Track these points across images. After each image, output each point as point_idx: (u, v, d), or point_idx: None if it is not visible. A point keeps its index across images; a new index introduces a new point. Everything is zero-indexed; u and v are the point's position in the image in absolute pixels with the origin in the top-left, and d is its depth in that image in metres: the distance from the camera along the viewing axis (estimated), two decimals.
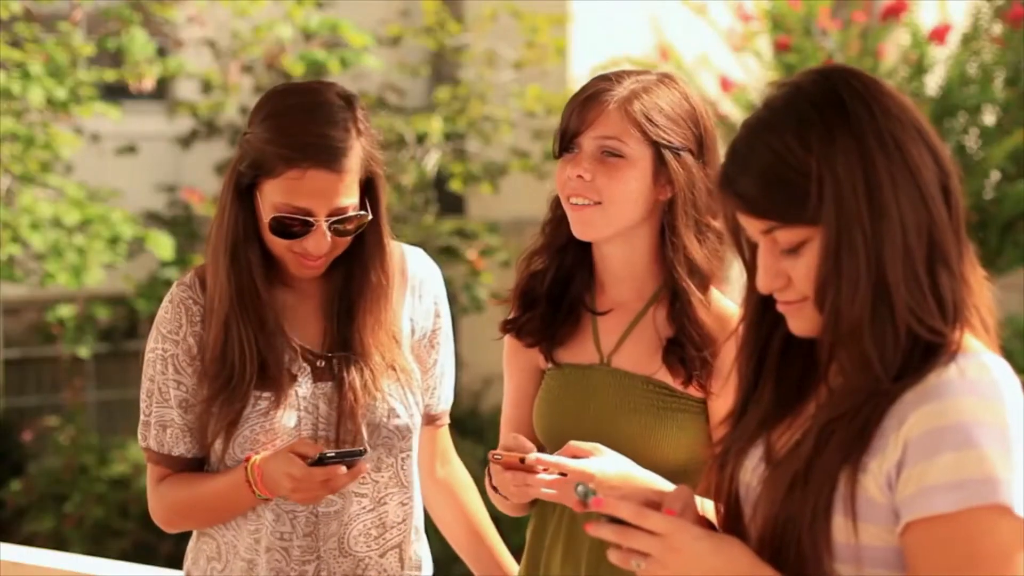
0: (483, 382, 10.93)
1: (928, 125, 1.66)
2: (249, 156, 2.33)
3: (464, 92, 10.97)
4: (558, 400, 2.39)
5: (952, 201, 1.63)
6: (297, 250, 2.33)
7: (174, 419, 2.40)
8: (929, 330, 1.60)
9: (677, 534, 1.60)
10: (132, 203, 10.64)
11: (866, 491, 1.59)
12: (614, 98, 2.27)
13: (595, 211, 2.28)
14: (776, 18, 9.65)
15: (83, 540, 9.78)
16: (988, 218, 9.20)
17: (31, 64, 8.44)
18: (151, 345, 2.41)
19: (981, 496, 1.54)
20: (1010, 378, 1.60)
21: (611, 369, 2.36)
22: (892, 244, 1.59)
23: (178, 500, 2.43)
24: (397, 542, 2.46)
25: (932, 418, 1.56)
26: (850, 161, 1.60)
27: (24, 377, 12.11)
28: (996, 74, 9.30)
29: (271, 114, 2.34)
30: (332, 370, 2.39)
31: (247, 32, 10.14)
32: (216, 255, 2.37)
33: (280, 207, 2.31)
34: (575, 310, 2.41)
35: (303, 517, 2.38)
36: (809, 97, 1.63)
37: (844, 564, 1.61)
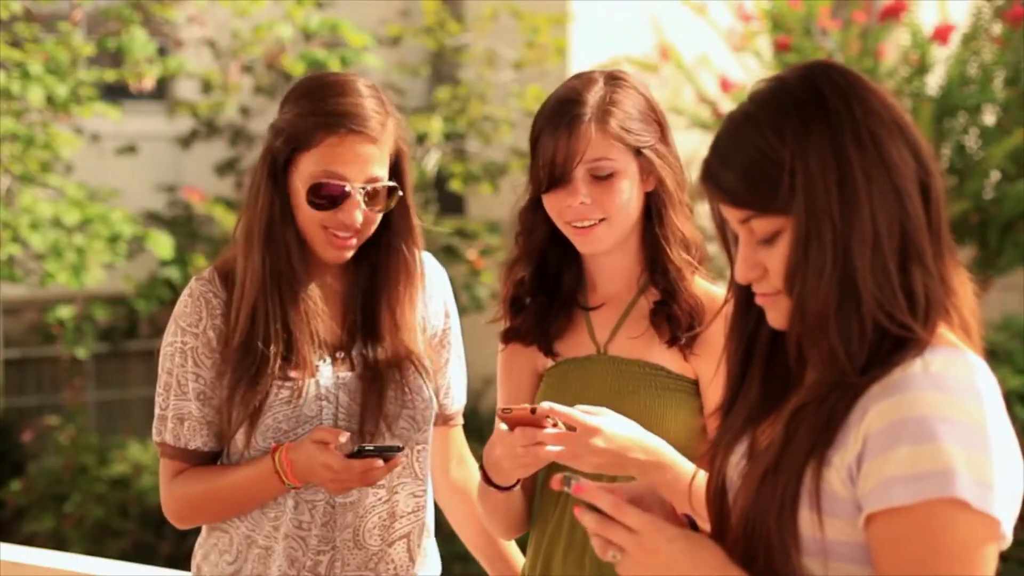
0: (483, 382, 10.91)
1: (910, 123, 1.66)
2: (284, 133, 2.39)
3: (464, 92, 10.97)
4: (559, 392, 2.41)
5: (931, 199, 1.65)
6: (331, 225, 2.37)
7: (192, 412, 2.42)
8: (897, 324, 1.60)
9: (652, 534, 1.63)
10: (132, 203, 10.64)
11: (830, 485, 1.60)
12: (589, 119, 2.32)
13: (601, 228, 2.34)
14: (776, 18, 9.65)
15: (83, 540, 9.78)
16: (988, 218, 9.20)
17: (31, 64, 8.44)
18: (169, 339, 2.44)
19: (936, 489, 1.54)
20: (982, 376, 1.61)
21: (608, 357, 2.41)
22: (861, 237, 1.60)
23: (197, 494, 2.44)
24: (406, 532, 2.48)
25: (892, 411, 1.57)
26: (823, 154, 1.61)
27: (24, 377, 12.10)
28: (996, 74, 9.30)
29: (305, 93, 2.41)
30: (352, 360, 2.43)
31: (247, 32, 10.14)
32: (250, 238, 2.39)
33: (318, 175, 2.36)
34: (568, 305, 2.46)
35: (321, 507, 2.42)
36: (790, 91, 1.66)
37: (811, 558, 1.62)
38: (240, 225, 2.45)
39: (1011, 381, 8.80)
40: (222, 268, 2.46)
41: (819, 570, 1.62)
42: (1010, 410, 6.08)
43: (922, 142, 1.66)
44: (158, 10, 9.39)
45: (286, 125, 2.39)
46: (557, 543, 2.40)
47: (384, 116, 2.40)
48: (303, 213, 2.38)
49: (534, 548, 2.45)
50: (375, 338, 2.44)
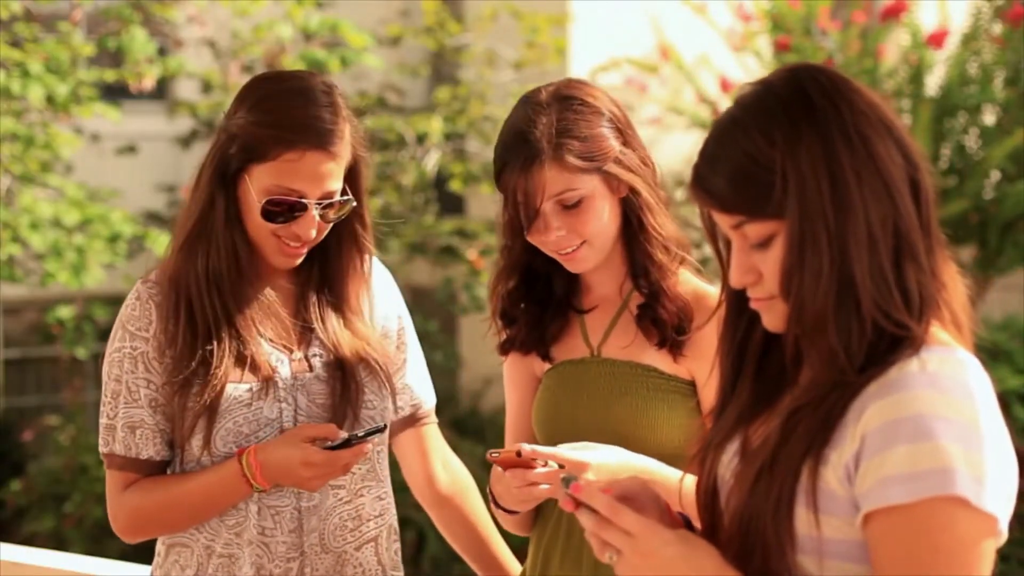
0: (483, 382, 10.92)
1: (897, 121, 1.67)
2: (238, 141, 2.34)
3: (464, 92, 10.96)
4: (554, 395, 2.44)
5: (921, 196, 1.65)
6: (283, 235, 2.34)
7: (144, 419, 2.35)
8: (895, 324, 1.61)
9: (648, 537, 1.63)
10: (132, 203, 10.64)
11: (827, 483, 1.60)
12: (544, 157, 2.29)
13: (584, 250, 2.35)
14: (776, 18, 9.65)
15: (83, 540, 9.78)
16: (988, 218, 9.20)
17: (31, 63, 8.43)
18: (116, 344, 2.37)
19: (936, 487, 1.55)
20: (976, 374, 1.61)
21: (602, 359, 2.42)
22: (856, 238, 1.60)
23: (152, 504, 2.36)
24: (373, 536, 2.45)
25: (889, 410, 1.57)
26: (814, 156, 1.61)
27: (24, 377, 12.10)
28: (996, 74, 9.30)
29: (262, 98, 2.35)
30: (309, 361, 2.39)
31: (247, 32, 10.14)
32: (191, 239, 2.35)
33: (272, 190, 2.31)
34: (562, 309, 2.47)
35: (288, 512, 2.37)
36: (776, 94, 1.66)
37: (807, 556, 1.62)
38: (180, 221, 2.41)
39: (1011, 381, 8.80)
40: (168, 269, 2.40)
41: (815, 568, 1.63)
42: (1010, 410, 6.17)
43: (910, 140, 1.66)
44: (158, 10, 9.39)
45: (240, 132, 2.34)
46: (556, 543, 2.41)
47: (342, 125, 2.33)
48: (254, 221, 2.34)
49: (534, 548, 2.46)
50: (330, 339, 2.40)
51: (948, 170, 9.33)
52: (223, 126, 2.38)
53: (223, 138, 2.37)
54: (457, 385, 11.34)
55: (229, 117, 2.38)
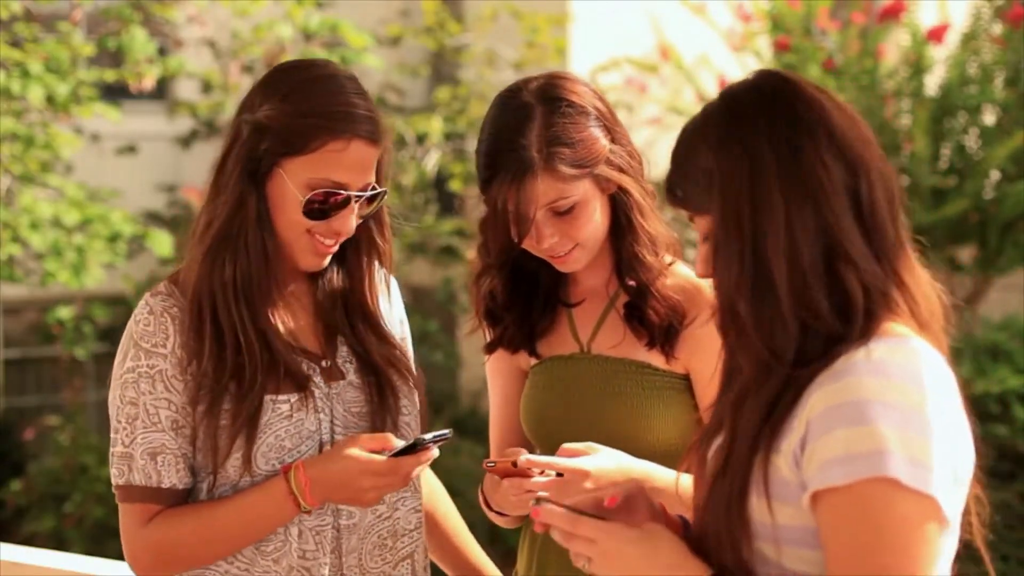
0: (483, 382, 10.89)
1: (846, 130, 1.70)
2: (271, 134, 2.17)
3: (464, 92, 10.97)
4: (543, 392, 2.42)
5: (863, 204, 1.68)
6: (320, 232, 2.20)
7: (166, 444, 2.16)
8: (823, 323, 1.66)
9: (608, 540, 1.71)
10: (132, 203, 10.65)
11: (779, 471, 1.65)
12: (535, 168, 2.25)
13: (576, 252, 2.32)
14: (776, 18, 9.65)
15: (83, 540, 9.77)
16: (988, 218, 9.19)
17: (31, 63, 8.43)
18: (129, 364, 2.18)
19: (869, 468, 1.59)
20: (930, 362, 1.65)
21: (592, 356, 2.39)
22: (774, 242, 1.66)
23: (181, 536, 2.17)
24: (409, 551, 2.33)
25: (832, 396, 1.62)
26: (738, 157, 1.69)
27: (24, 377, 12.10)
28: (996, 74, 9.30)
29: (296, 87, 2.19)
30: (340, 369, 2.27)
31: (247, 32, 10.14)
32: (217, 244, 2.18)
33: (314, 183, 2.16)
34: (551, 304, 2.44)
35: (329, 533, 2.23)
36: (730, 98, 1.74)
37: (766, 543, 1.67)
38: (200, 227, 2.21)
39: (1011, 381, 8.79)
40: (181, 282, 2.22)
41: (774, 555, 1.67)
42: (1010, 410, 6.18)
43: (859, 148, 1.70)
44: (158, 10, 9.39)
45: (273, 124, 2.16)
46: (550, 546, 2.38)
47: (378, 115, 2.22)
48: (288, 218, 2.18)
49: (528, 552, 2.45)
50: (360, 344, 2.28)
51: (948, 170, 9.32)
52: (245, 120, 2.19)
53: (247, 132, 2.18)
54: (457, 385, 11.34)
55: (252, 110, 2.20)
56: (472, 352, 10.74)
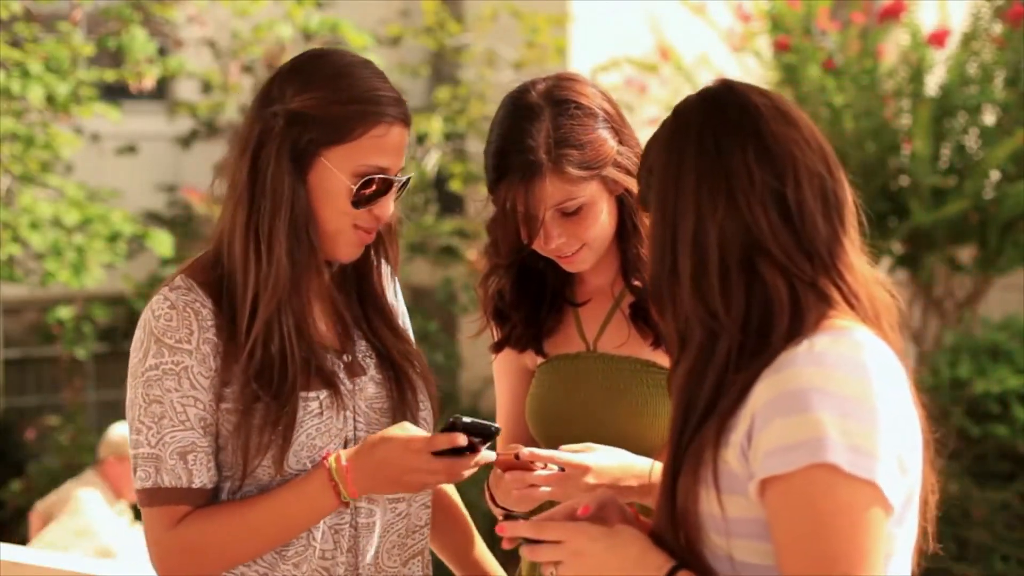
0: (483, 382, 10.92)
1: (779, 136, 1.76)
2: (311, 121, 2.13)
3: (464, 92, 10.97)
4: (549, 390, 2.43)
5: (790, 205, 1.73)
6: (362, 220, 2.17)
7: (196, 442, 2.10)
8: (727, 316, 1.71)
9: (574, 539, 1.76)
10: (132, 203, 10.65)
11: (728, 465, 1.69)
12: (544, 170, 2.26)
13: (583, 252, 2.33)
14: (775, 18, 9.65)
15: None
16: (988, 218, 9.20)
17: (31, 63, 8.44)
18: (151, 361, 2.12)
19: (808, 456, 1.62)
20: (872, 352, 1.68)
21: (598, 354, 2.41)
22: (685, 238, 1.74)
23: (214, 536, 2.11)
24: (420, 548, 2.31)
25: (773, 388, 1.66)
26: (671, 158, 1.78)
27: (24, 377, 12.11)
28: (996, 74, 9.30)
29: (330, 75, 2.16)
30: (360, 364, 2.24)
31: (247, 32, 10.14)
32: (269, 238, 2.12)
33: (363, 170, 2.14)
34: (557, 303, 2.45)
35: (346, 531, 2.20)
36: (678, 108, 1.83)
37: (719, 536, 1.71)
38: (240, 224, 2.15)
39: (1011, 381, 8.79)
40: (199, 275, 2.16)
41: (724, 547, 1.70)
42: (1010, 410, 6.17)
43: (788, 152, 1.75)
44: (158, 10, 9.39)
45: (315, 113, 2.13)
46: None
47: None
48: (333, 208, 2.14)
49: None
50: (378, 339, 2.26)
51: (948, 170, 9.33)
52: (275, 112, 2.15)
53: (282, 124, 2.14)
54: (457, 385, 11.34)
55: (280, 100, 2.15)
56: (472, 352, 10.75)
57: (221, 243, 2.19)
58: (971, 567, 8.42)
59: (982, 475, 8.90)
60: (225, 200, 2.21)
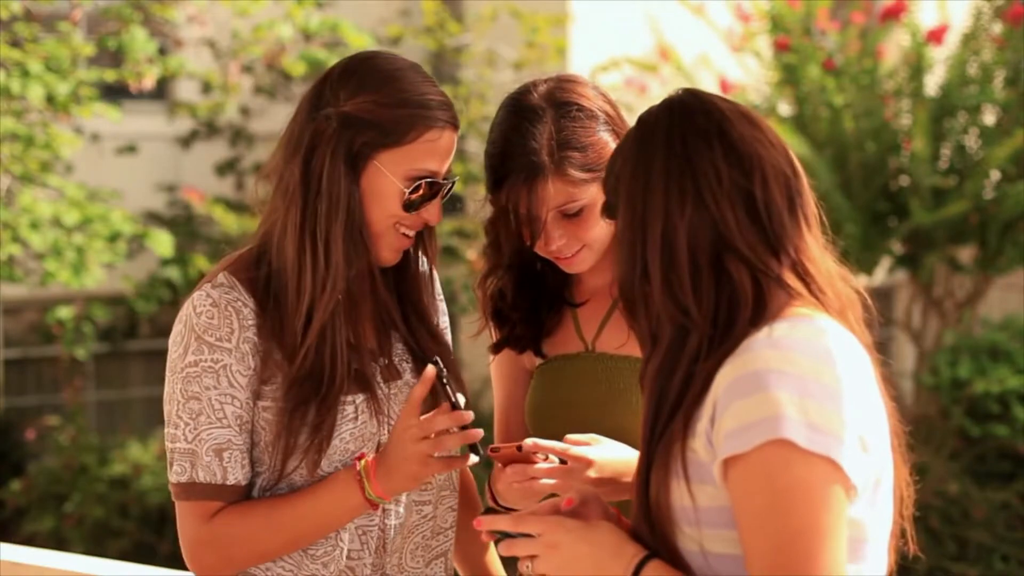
0: (483, 382, 10.93)
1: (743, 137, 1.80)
2: (365, 124, 2.15)
3: (464, 92, 10.97)
4: (549, 391, 2.43)
5: (757, 202, 1.77)
6: (408, 223, 2.19)
7: (232, 440, 2.12)
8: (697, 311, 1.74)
9: (551, 531, 1.79)
10: (132, 203, 10.65)
11: (696, 454, 1.71)
12: (546, 172, 2.28)
13: (583, 253, 2.35)
14: (775, 18, 9.65)
15: (83, 540, 9.78)
16: (988, 218, 9.20)
17: (31, 63, 8.44)
18: (190, 358, 2.12)
19: (764, 433, 1.64)
20: (834, 338, 1.71)
21: (596, 354, 2.42)
22: (653, 241, 1.77)
23: (249, 532, 2.13)
24: (444, 550, 2.33)
25: (732, 372, 1.69)
26: (638, 163, 1.81)
27: (24, 377, 12.10)
28: (996, 74, 9.31)
29: (384, 79, 2.18)
30: (397, 368, 2.25)
31: (247, 32, 10.14)
32: (328, 240, 2.13)
33: (415, 173, 2.16)
34: (556, 304, 2.46)
35: (375, 532, 2.21)
36: (642, 117, 1.86)
37: (690, 527, 1.72)
38: (294, 226, 2.14)
39: (1011, 381, 8.81)
40: (241, 272, 2.17)
41: (696, 538, 1.72)
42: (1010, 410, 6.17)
43: (755, 152, 1.79)
44: (158, 10, 9.39)
45: (371, 116, 2.14)
46: None
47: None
48: (383, 211, 2.16)
49: None
50: (416, 342, 2.27)
51: (948, 170, 9.33)
52: (328, 115, 2.15)
53: (335, 127, 2.15)
54: None
55: (333, 103, 2.16)
56: (473, 352, 10.74)
57: (268, 243, 2.19)
58: (971, 567, 8.42)
59: (982, 475, 8.91)
60: (273, 202, 2.20)
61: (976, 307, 9.77)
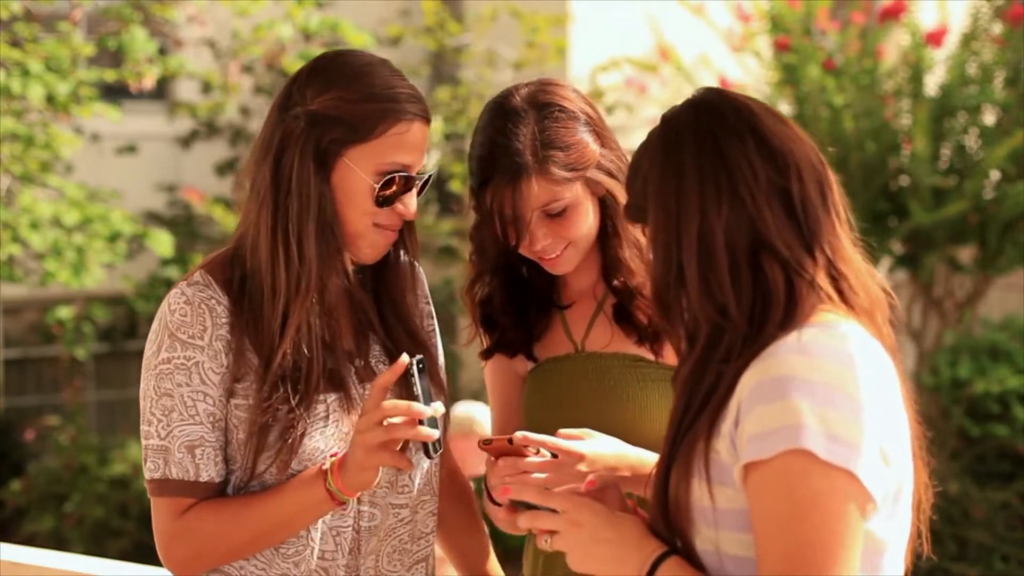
0: (483, 383, 10.91)
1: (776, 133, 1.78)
2: (333, 121, 2.14)
3: (464, 92, 10.97)
4: (543, 393, 2.44)
5: (794, 199, 1.75)
6: (384, 220, 2.18)
7: (204, 437, 2.13)
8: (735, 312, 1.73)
9: (576, 510, 1.79)
10: (132, 203, 10.65)
11: (719, 455, 1.70)
12: (529, 173, 2.29)
13: (568, 252, 2.35)
14: (775, 18, 9.65)
15: (83, 540, 9.78)
16: (988, 218, 9.20)
17: (31, 63, 8.44)
18: (164, 355, 2.13)
19: (784, 442, 1.63)
20: (862, 346, 1.69)
21: (587, 354, 2.43)
22: (689, 241, 1.75)
23: (219, 528, 2.14)
24: (424, 555, 2.32)
25: (757, 375, 1.67)
26: (669, 162, 1.78)
27: (24, 377, 12.11)
28: (996, 74, 9.31)
29: (350, 76, 2.16)
30: (374, 370, 2.24)
31: (247, 32, 10.14)
32: (299, 239, 2.13)
33: (385, 167, 2.15)
34: (545, 307, 2.47)
35: (348, 533, 2.20)
36: (666, 117, 1.84)
37: (707, 528, 1.72)
38: (266, 226, 2.14)
39: (1011, 381, 8.80)
40: (217, 272, 2.18)
41: (712, 539, 1.71)
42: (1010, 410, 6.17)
43: (788, 149, 1.77)
44: (158, 10, 9.39)
45: (337, 113, 2.13)
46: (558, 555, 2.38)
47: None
48: (356, 208, 2.15)
49: (533, 555, 2.45)
50: (393, 343, 2.24)
51: (948, 170, 9.33)
52: (296, 115, 2.16)
53: (303, 126, 2.15)
54: (457, 385, 11.34)
55: (300, 102, 2.16)
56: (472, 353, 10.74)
57: (243, 244, 2.19)
58: (971, 567, 8.42)
59: (982, 475, 8.91)
60: (247, 203, 2.20)
61: (976, 307, 9.77)
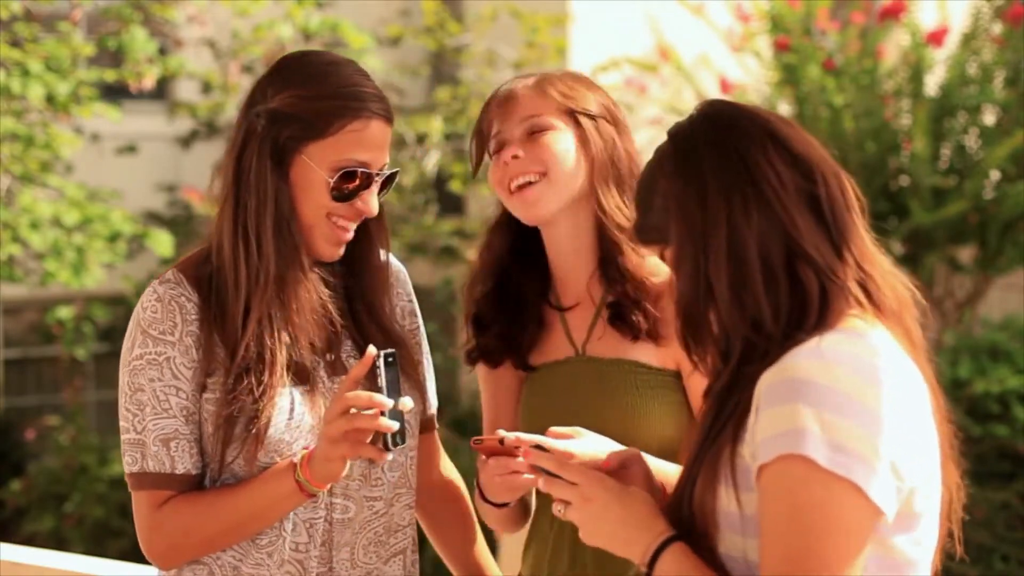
0: None
1: (795, 138, 1.76)
2: (291, 120, 2.19)
3: (464, 92, 10.97)
4: (541, 399, 2.42)
5: (822, 204, 1.74)
6: (343, 216, 2.21)
7: (178, 430, 2.18)
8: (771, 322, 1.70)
9: (589, 484, 1.81)
10: (132, 203, 10.65)
11: (744, 460, 1.68)
12: (526, 86, 2.36)
13: (542, 185, 2.34)
14: (775, 18, 9.65)
15: (83, 540, 9.79)
16: (988, 218, 9.19)
17: (31, 63, 8.44)
18: (137, 352, 2.20)
19: (786, 446, 1.61)
20: (889, 357, 1.67)
21: (587, 358, 2.40)
22: (718, 256, 1.72)
23: (197, 521, 2.18)
24: (402, 547, 2.33)
25: (771, 376, 1.66)
26: (691, 177, 1.75)
27: (24, 377, 12.11)
28: (996, 74, 9.30)
29: (311, 73, 2.23)
30: (344, 365, 2.26)
31: (247, 32, 10.14)
32: (257, 235, 2.18)
33: (341, 164, 2.19)
34: (538, 314, 2.44)
35: (320, 525, 2.22)
36: (676, 133, 1.81)
37: (735, 535, 1.70)
38: (228, 222, 2.20)
39: (1011, 381, 8.79)
40: (189, 270, 2.23)
41: (740, 545, 1.69)
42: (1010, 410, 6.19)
43: (808, 153, 1.75)
44: (158, 10, 9.39)
45: (293, 110, 2.19)
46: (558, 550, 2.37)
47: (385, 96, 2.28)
48: (314, 202, 2.20)
49: (533, 556, 2.44)
50: (365, 339, 2.26)
51: (948, 170, 9.33)
52: (258, 112, 2.22)
53: (264, 123, 2.21)
54: (457, 385, 11.34)
55: (262, 101, 2.23)
56: None
57: (212, 241, 2.26)
58: (971, 567, 8.42)
59: (982, 475, 8.90)
60: (217, 200, 2.27)
61: (976, 307, 9.77)
